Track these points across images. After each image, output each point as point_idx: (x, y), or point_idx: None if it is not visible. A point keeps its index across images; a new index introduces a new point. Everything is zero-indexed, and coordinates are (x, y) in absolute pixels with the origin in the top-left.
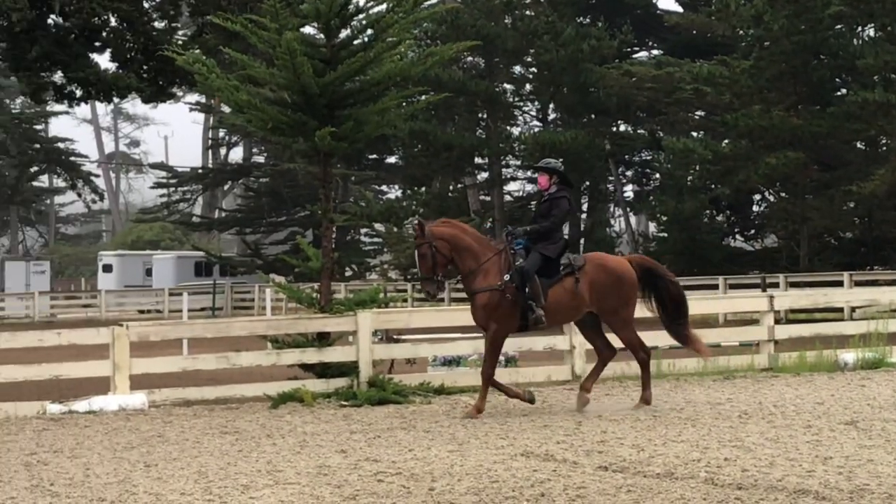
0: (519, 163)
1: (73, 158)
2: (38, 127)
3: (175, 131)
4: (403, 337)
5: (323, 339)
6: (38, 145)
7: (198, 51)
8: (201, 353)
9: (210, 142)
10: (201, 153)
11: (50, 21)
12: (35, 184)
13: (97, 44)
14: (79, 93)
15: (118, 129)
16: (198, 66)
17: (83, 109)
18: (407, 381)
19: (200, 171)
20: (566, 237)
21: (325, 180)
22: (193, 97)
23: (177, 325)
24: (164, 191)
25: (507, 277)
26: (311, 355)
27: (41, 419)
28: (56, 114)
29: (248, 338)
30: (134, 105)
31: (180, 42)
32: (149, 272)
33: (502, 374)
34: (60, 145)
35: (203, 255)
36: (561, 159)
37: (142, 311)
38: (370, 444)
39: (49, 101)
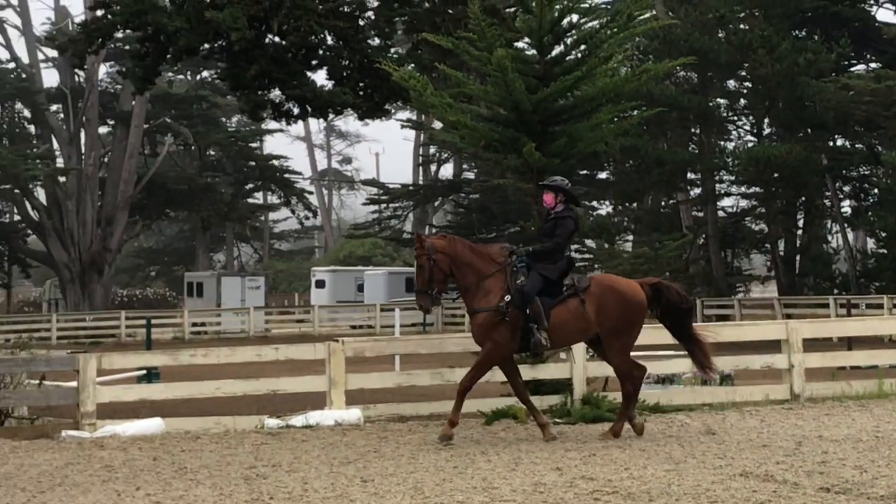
0: (733, 178)
1: (287, 176)
2: (254, 145)
3: (386, 148)
4: None
5: (536, 357)
6: (253, 163)
7: (412, 66)
8: (414, 368)
9: (421, 158)
10: (412, 170)
11: (268, 40)
12: (250, 201)
13: (314, 61)
14: (296, 110)
15: (331, 147)
16: (412, 82)
17: (297, 127)
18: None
19: (411, 187)
20: (570, 257)
21: (537, 197)
22: (405, 114)
23: (391, 340)
24: (376, 207)
25: (507, 298)
26: (525, 372)
27: (259, 433)
28: (271, 132)
29: (460, 354)
30: (346, 122)
31: (395, 57)
32: (360, 288)
33: (718, 393)
34: (275, 163)
35: (414, 271)
36: (776, 174)
37: (354, 327)
38: (585, 462)
39: (266, 119)
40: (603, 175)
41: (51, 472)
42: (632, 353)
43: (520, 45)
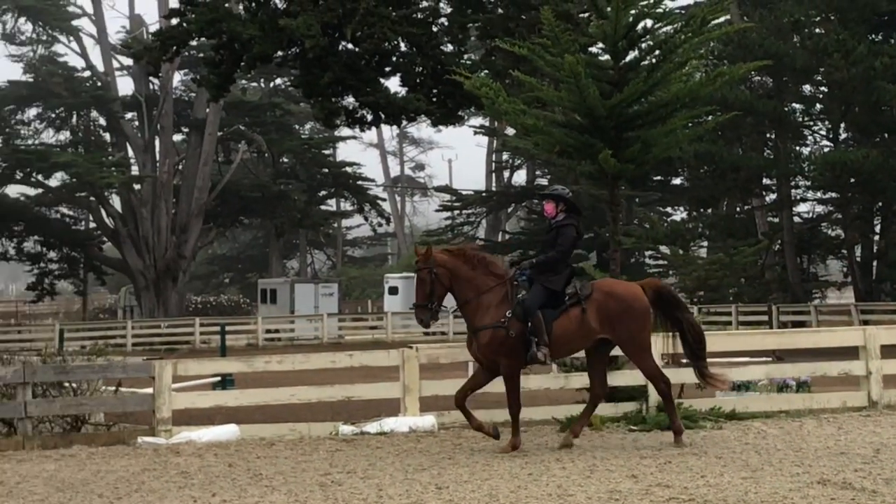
0: (809, 183)
1: (360, 182)
2: (327, 152)
3: (459, 154)
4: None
5: (611, 363)
6: (326, 170)
7: (486, 72)
8: None
9: (494, 165)
10: (485, 176)
11: (341, 47)
12: (323, 208)
13: (387, 68)
14: (369, 117)
15: (404, 153)
16: (485, 89)
17: (370, 134)
18: (697, 405)
19: (484, 193)
20: (573, 266)
21: (612, 203)
22: (477, 120)
23: (465, 347)
24: (449, 213)
25: (508, 314)
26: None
27: (334, 440)
28: (344, 139)
29: None
30: (419, 129)
31: (468, 64)
32: None
33: (795, 400)
34: (348, 170)
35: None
36: (853, 179)
37: (427, 333)
38: (661, 469)
39: (339, 126)
40: (677, 181)
41: (127, 478)
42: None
43: (593, 50)
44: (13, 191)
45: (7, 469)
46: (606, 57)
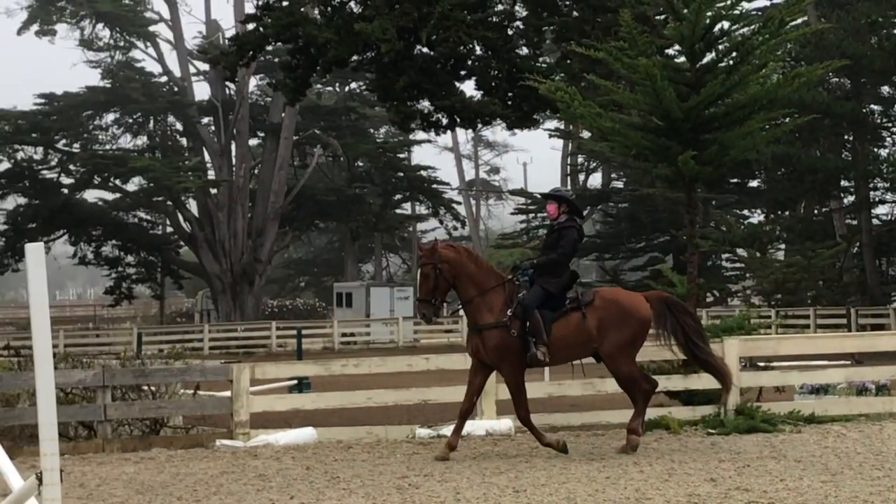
0: (887, 185)
1: (435, 186)
2: (402, 155)
3: (534, 158)
4: (772, 364)
5: (689, 367)
6: (401, 174)
7: (561, 76)
8: (565, 379)
9: (569, 168)
10: (560, 179)
11: (416, 51)
12: (398, 211)
13: (462, 72)
14: (445, 121)
15: (478, 157)
16: (560, 93)
17: (444, 137)
18: (775, 409)
19: None
20: (573, 270)
21: (689, 205)
22: (552, 123)
23: None
24: (524, 217)
25: (509, 312)
26: (677, 382)
27: (410, 443)
28: (419, 142)
29: None
30: (494, 132)
31: (544, 67)
32: None
33: (874, 403)
34: (423, 173)
35: None
36: None
37: None
38: (740, 473)
39: (414, 130)
40: (754, 183)
41: (206, 480)
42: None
43: (669, 52)
44: (91, 196)
45: (87, 471)
46: (682, 59)
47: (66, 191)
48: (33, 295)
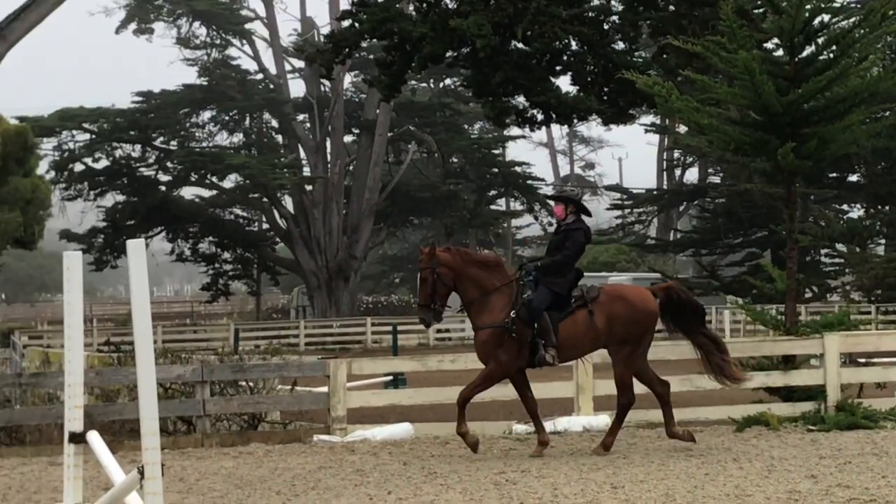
0: None
1: (529, 182)
2: (496, 151)
3: (629, 153)
4: (873, 360)
5: (788, 362)
6: (495, 169)
7: (657, 71)
8: (663, 375)
9: (665, 163)
10: (656, 174)
11: (512, 47)
12: (493, 207)
13: (558, 67)
14: (540, 117)
15: (573, 152)
16: (657, 88)
17: (539, 133)
18: (876, 405)
19: (655, 192)
20: (579, 269)
21: (788, 200)
22: (648, 118)
23: None
24: (619, 212)
25: (513, 314)
26: (776, 378)
27: (508, 439)
28: (513, 138)
29: None
30: (588, 128)
31: (640, 62)
32: None
33: None
34: (517, 169)
35: (659, 276)
36: None
37: None
38: (841, 469)
39: (509, 126)
40: (854, 177)
41: (304, 475)
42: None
43: (767, 45)
44: (188, 193)
45: (187, 466)
46: (780, 52)
47: (163, 188)
48: (135, 290)
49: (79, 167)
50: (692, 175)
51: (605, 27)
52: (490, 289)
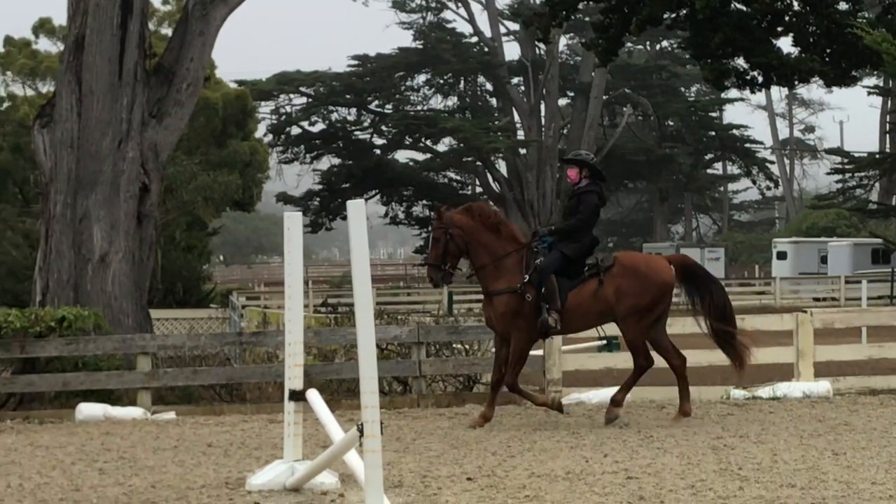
0: None
1: (747, 145)
2: (713, 114)
3: (851, 116)
4: None
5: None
6: (712, 133)
7: (882, 31)
8: (885, 341)
9: (889, 126)
10: (878, 138)
11: (732, 7)
12: (709, 171)
13: (779, 28)
14: (760, 78)
15: (793, 115)
16: (885, 45)
17: (757, 96)
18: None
19: (878, 155)
20: (594, 236)
21: None
22: (871, 80)
23: (861, 312)
24: (840, 177)
25: (526, 278)
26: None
27: (725, 404)
28: (731, 101)
29: None
30: (809, 90)
31: (864, 22)
32: (824, 259)
33: None
34: (735, 132)
35: (881, 242)
36: None
37: (816, 299)
38: None
39: (728, 88)
40: None
41: (520, 437)
42: None
43: None
44: (403, 156)
45: (403, 426)
46: None
47: (378, 151)
48: (354, 250)
49: (295, 130)
50: None
51: None
52: (502, 253)
